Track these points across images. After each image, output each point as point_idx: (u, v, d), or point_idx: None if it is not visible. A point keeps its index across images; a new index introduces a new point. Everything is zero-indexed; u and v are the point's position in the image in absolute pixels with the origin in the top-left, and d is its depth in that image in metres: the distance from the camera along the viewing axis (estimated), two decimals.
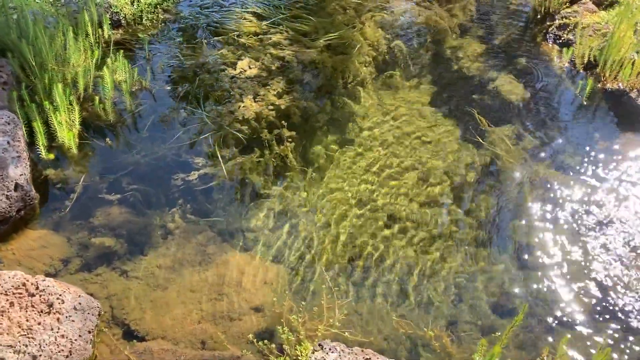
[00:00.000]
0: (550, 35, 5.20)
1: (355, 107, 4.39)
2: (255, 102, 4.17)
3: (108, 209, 3.47)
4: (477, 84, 4.77)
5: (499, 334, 2.98)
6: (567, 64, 4.86)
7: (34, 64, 3.71)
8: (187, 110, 4.10)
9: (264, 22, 4.95)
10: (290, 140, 3.99)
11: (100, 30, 4.44)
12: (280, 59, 4.61)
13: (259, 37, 4.82)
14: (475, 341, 2.98)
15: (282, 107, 4.19)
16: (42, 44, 3.72)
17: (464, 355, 2.87)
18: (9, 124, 3.32)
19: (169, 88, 4.26)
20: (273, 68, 4.51)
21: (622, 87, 4.55)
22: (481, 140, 4.16)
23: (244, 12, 5.07)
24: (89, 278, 3.14)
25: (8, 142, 3.27)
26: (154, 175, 3.69)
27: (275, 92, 4.28)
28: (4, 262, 3.09)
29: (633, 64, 4.41)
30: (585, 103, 4.52)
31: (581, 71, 4.78)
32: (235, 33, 4.81)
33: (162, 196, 3.58)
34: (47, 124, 3.56)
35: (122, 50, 4.14)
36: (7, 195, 3.13)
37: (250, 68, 4.47)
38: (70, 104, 3.66)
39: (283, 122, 4.09)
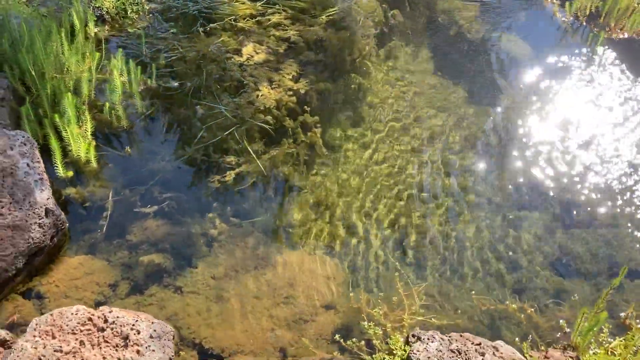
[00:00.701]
0: None
1: (367, 83, 4.25)
2: (272, 89, 3.94)
3: (144, 223, 3.21)
4: (480, 45, 4.70)
5: (576, 296, 3.00)
6: (571, 17, 4.85)
7: (33, 73, 3.33)
8: (203, 105, 3.82)
9: (258, 3, 4.66)
10: (317, 126, 3.81)
11: (86, 28, 4.05)
12: (285, 40, 4.37)
13: (257, 19, 4.54)
14: (549, 306, 2.97)
15: (302, 91, 3.98)
16: (38, 51, 3.34)
17: (551, 324, 2.85)
18: (25, 144, 2.98)
19: (176, 84, 3.95)
20: (280, 51, 4.27)
21: (628, 36, 4.59)
22: (496, 103, 4.11)
23: None
24: (142, 300, 2.91)
25: (28, 165, 2.94)
26: (186, 181, 3.43)
27: (290, 77, 4.06)
28: (49, 297, 2.80)
29: None
30: (597, 54, 4.54)
31: (584, 23, 4.79)
32: (231, 17, 4.50)
33: (198, 202, 3.34)
34: (58, 138, 3.22)
35: (120, 49, 3.80)
36: (39, 223, 2.82)
37: (257, 53, 4.21)
38: (80, 114, 3.32)
39: (305, 107, 3.89)
